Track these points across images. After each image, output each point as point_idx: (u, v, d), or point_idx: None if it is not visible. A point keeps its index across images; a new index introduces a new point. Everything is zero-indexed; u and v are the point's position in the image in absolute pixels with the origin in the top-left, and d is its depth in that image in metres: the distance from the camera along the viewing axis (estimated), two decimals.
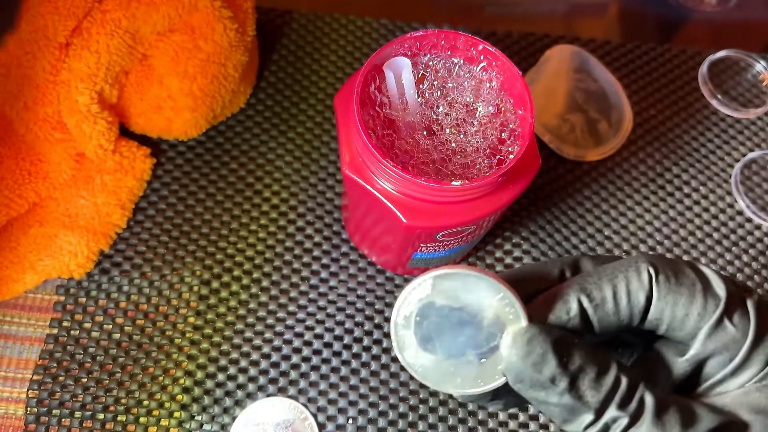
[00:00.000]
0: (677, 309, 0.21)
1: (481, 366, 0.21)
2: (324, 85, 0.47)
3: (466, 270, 0.20)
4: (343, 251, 0.42)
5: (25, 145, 0.40)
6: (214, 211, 0.42)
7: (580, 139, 0.45)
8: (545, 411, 0.20)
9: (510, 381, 0.20)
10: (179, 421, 0.37)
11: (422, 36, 0.31)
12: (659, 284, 0.20)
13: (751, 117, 0.48)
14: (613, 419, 0.20)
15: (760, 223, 0.44)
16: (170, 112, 0.40)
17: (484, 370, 0.21)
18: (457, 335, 0.21)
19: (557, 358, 0.19)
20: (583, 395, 0.19)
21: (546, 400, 0.20)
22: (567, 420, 0.20)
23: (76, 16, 0.37)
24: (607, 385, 0.20)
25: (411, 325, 0.21)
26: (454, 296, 0.20)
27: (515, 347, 0.20)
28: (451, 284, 0.20)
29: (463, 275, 0.20)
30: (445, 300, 0.20)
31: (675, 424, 0.19)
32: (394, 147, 0.31)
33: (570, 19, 0.52)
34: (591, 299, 0.20)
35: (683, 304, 0.20)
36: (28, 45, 0.37)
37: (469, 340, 0.21)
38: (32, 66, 0.37)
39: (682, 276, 0.21)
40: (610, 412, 0.19)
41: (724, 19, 0.53)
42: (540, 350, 0.19)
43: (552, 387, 0.20)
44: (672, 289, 0.21)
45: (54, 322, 0.38)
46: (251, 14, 0.42)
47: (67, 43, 0.37)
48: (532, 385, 0.20)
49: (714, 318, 0.20)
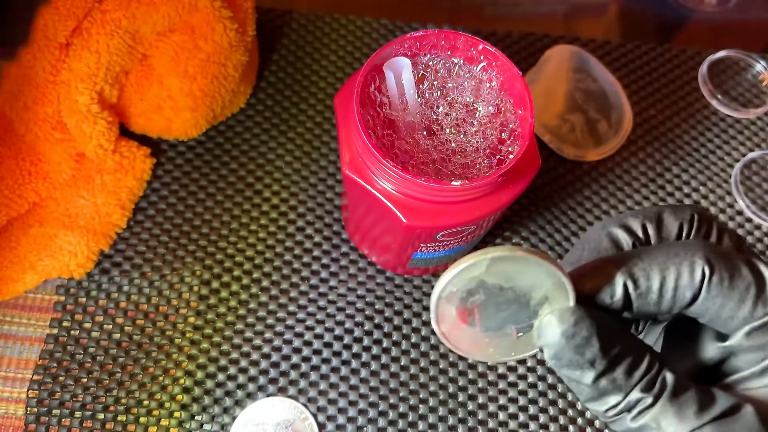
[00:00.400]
0: (723, 311, 0.20)
1: (517, 340, 0.21)
2: (324, 85, 0.47)
3: (525, 254, 0.20)
4: (343, 251, 0.42)
5: (25, 145, 0.40)
6: (214, 211, 0.42)
7: (580, 139, 0.45)
8: (575, 389, 0.21)
9: (547, 356, 0.20)
10: (179, 420, 0.37)
11: (422, 36, 0.31)
12: (711, 285, 0.20)
13: (751, 117, 0.48)
14: (637, 400, 0.20)
15: (760, 223, 0.44)
16: (170, 112, 0.40)
17: (519, 342, 0.21)
18: (500, 311, 0.21)
19: (600, 343, 0.20)
20: (617, 379, 0.20)
21: (579, 380, 0.20)
22: (593, 399, 0.20)
23: (76, 16, 0.37)
24: (641, 371, 0.20)
25: (455, 300, 0.20)
26: (506, 277, 0.20)
27: (561, 326, 0.20)
28: (507, 266, 0.20)
29: (522, 259, 0.20)
30: (496, 280, 0.20)
31: (692, 405, 0.20)
32: (394, 147, 0.31)
33: (570, 19, 0.52)
34: (637, 287, 0.20)
35: (731, 307, 0.20)
36: (28, 45, 0.37)
37: (512, 316, 0.21)
38: (32, 66, 0.37)
39: (738, 278, 0.20)
40: (634, 393, 0.20)
41: (724, 19, 0.53)
42: (585, 333, 0.20)
43: (589, 369, 0.20)
44: (723, 292, 0.20)
45: (54, 322, 0.38)
46: (251, 14, 0.42)
47: (67, 43, 0.37)
48: (569, 364, 0.20)
49: (758, 323, 0.20)
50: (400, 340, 0.39)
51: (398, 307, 0.40)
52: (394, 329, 0.40)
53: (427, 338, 0.39)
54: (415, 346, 0.39)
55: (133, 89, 0.39)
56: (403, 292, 0.41)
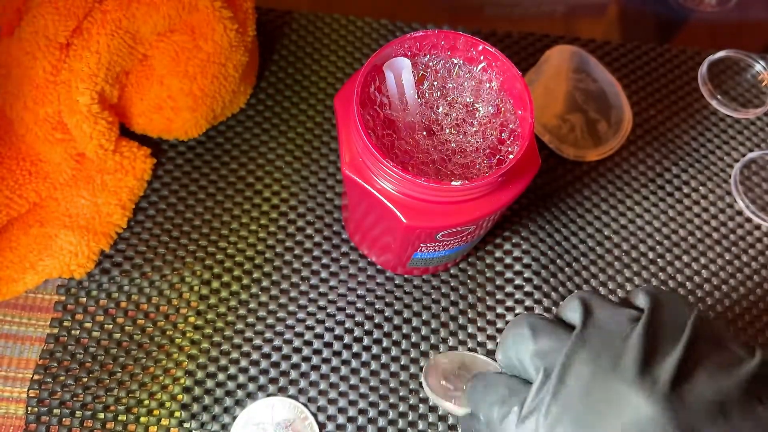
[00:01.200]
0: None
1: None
2: (324, 85, 0.47)
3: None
4: (343, 251, 0.42)
5: (26, 145, 0.40)
6: (214, 211, 0.42)
7: (579, 140, 0.45)
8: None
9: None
10: (180, 420, 0.37)
11: (422, 36, 0.31)
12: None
13: (750, 117, 0.48)
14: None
15: (759, 223, 0.44)
16: (170, 112, 0.40)
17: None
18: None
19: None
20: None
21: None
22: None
23: (77, 17, 0.37)
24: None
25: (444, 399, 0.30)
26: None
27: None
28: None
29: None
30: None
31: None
32: (394, 147, 0.31)
33: (570, 19, 0.52)
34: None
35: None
36: (28, 45, 0.37)
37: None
38: (33, 66, 0.37)
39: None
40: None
41: (724, 19, 0.53)
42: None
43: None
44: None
45: (54, 322, 0.38)
46: (251, 14, 0.42)
47: (68, 43, 0.37)
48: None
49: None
50: (400, 340, 0.39)
51: (398, 307, 0.40)
52: (394, 329, 0.40)
53: (427, 338, 0.39)
54: (415, 346, 0.39)
55: (134, 89, 0.40)
56: (403, 292, 0.41)
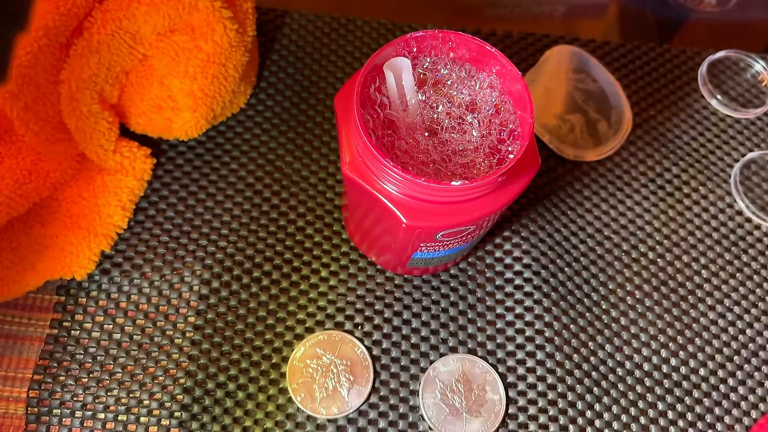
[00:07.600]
0: None
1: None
2: (324, 85, 0.47)
3: None
4: (343, 251, 0.42)
5: (26, 145, 0.40)
6: (214, 211, 0.42)
7: (579, 140, 0.45)
8: None
9: None
10: (180, 421, 0.37)
11: (422, 36, 0.31)
12: None
13: (750, 117, 0.48)
14: None
15: (759, 223, 0.44)
16: (170, 112, 0.40)
17: None
18: None
19: None
20: None
21: None
22: None
23: (77, 16, 0.37)
24: None
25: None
26: None
27: None
28: None
29: None
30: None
31: None
32: (394, 147, 0.31)
33: (570, 19, 0.52)
34: None
35: None
36: (28, 45, 0.37)
37: None
38: (32, 66, 0.37)
39: None
40: None
41: (724, 19, 0.53)
42: None
43: None
44: None
45: (54, 323, 0.38)
46: (251, 14, 0.42)
47: (68, 43, 0.37)
48: None
49: None
50: (400, 341, 0.39)
51: (398, 308, 0.40)
52: (393, 330, 0.40)
53: (427, 339, 0.39)
54: (414, 347, 0.39)
55: (134, 89, 0.40)
56: (403, 292, 0.41)
